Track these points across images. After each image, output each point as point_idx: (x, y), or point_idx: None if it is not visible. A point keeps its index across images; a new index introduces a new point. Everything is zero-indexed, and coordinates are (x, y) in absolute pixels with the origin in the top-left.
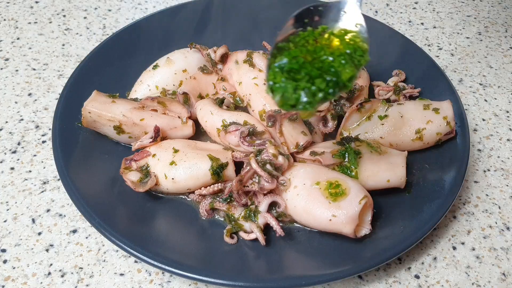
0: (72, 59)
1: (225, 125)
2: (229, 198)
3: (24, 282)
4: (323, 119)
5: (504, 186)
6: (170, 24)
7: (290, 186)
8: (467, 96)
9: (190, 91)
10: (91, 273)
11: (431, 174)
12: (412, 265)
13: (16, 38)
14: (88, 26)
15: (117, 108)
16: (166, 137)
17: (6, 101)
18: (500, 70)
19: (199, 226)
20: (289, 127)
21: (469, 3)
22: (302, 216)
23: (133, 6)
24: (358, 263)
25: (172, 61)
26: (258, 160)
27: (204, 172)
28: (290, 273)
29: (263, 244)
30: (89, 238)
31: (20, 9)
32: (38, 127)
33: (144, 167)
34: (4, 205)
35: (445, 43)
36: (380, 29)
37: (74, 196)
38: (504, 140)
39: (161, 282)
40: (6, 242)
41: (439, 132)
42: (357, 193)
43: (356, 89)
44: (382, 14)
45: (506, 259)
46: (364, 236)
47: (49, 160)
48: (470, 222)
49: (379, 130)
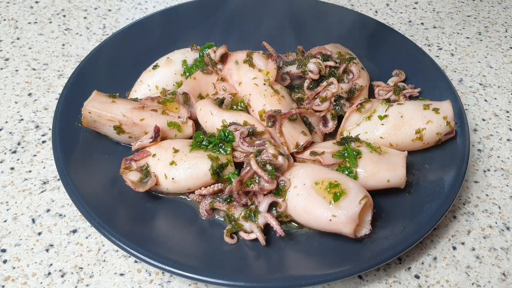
0: (72, 59)
1: (225, 125)
2: (229, 198)
3: (24, 282)
4: (323, 119)
5: (504, 186)
6: (170, 24)
7: (290, 186)
8: (467, 96)
9: (190, 91)
10: (91, 273)
11: (431, 174)
12: (412, 265)
13: (16, 38)
14: (88, 26)
15: (117, 108)
16: (166, 137)
17: (6, 101)
18: (500, 70)
19: (199, 226)
20: (289, 127)
21: (469, 3)
22: (302, 216)
23: (133, 6)
24: (358, 263)
25: (172, 61)
26: (258, 160)
27: (204, 172)
28: (290, 273)
29: (263, 244)
30: (89, 238)
31: (20, 9)
32: (38, 127)
33: (144, 167)
34: (4, 205)
35: (445, 43)
36: (380, 29)
37: (74, 196)
38: (504, 140)
39: (161, 282)
40: (6, 242)
41: (439, 132)
42: (357, 193)
43: (356, 89)
44: (382, 14)
45: (506, 259)
46: (364, 236)
47: (49, 160)
48: (470, 222)
49: (379, 130)
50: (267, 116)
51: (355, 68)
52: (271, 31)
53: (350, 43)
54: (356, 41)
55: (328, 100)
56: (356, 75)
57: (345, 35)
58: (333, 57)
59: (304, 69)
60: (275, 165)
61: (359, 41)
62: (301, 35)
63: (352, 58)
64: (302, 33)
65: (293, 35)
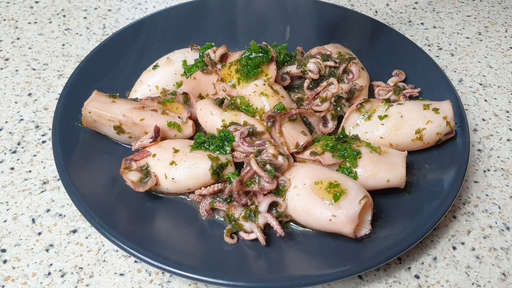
0: (72, 59)
1: (225, 126)
2: (229, 198)
3: (24, 282)
4: (323, 119)
5: (504, 186)
6: (170, 24)
7: (290, 186)
8: (467, 96)
9: (190, 91)
10: (91, 273)
11: (431, 174)
12: (412, 265)
13: (16, 38)
14: (88, 26)
15: (117, 108)
16: (166, 137)
17: (6, 101)
18: (500, 70)
19: (199, 226)
20: (289, 127)
21: (469, 3)
22: (302, 216)
23: (133, 6)
24: (358, 263)
25: (172, 61)
26: (258, 160)
27: (204, 172)
28: (290, 273)
29: (263, 244)
30: (89, 238)
31: (20, 9)
32: (38, 127)
33: (144, 167)
34: (4, 205)
35: (445, 43)
36: (380, 29)
37: (74, 196)
38: (504, 140)
39: (161, 282)
40: (6, 242)
41: (439, 132)
42: (357, 193)
43: (356, 89)
44: (382, 14)
45: (506, 259)
46: (364, 236)
47: (49, 160)
48: (470, 222)
49: (379, 130)
50: (266, 117)
51: (355, 68)
52: (271, 31)
53: (350, 43)
54: (356, 41)
55: (328, 100)
56: (356, 75)
57: (345, 35)
58: (332, 57)
59: (304, 69)
60: (275, 165)
61: (359, 41)
62: (301, 35)
63: (352, 58)
64: (302, 33)
65: (293, 35)
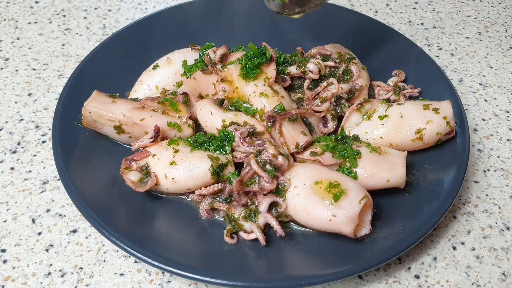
0: (72, 59)
1: (225, 126)
2: (229, 198)
3: (24, 282)
4: (323, 119)
5: (504, 186)
6: (170, 24)
7: (290, 186)
8: (467, 96)
9: (190, 91)
10: (91, 273)
11: (431, 174)
12: (412, 265)
13: (16, 38)
14: (88, 26)
15: (117, 108)
16: (166, 137)
17: (6, 101)
18: (500, 70)
19: (199, 226)
20: (289, 128)
21: (469, 3)
22: (302, 216)
23: (133, 6)
24: (358, 263)
25: (172, 61)
26: (258, 160)
27: (204, 172)
28: (290, 273)
29: (263, 244)
30: (89, 238)
31: (20, 9)
32: (38, 127)
33: (144, 167)
34: (4, 205)
35: (445, 43)
36: (380, 29)
37: (74, 196)
38: (504, 140)
39: (161, 282)
40: (6, 242)
41: (439, 132)
42: (357, 193)
43: (356, 89)
44: (382, 14)
45: (506, 259)
46: (364, 236)
47: (49, 160)
48: (470, 222)
49: (379, 130)
50: (266, 117)
51: (355, 68)
52: (271, 31)
53: (350, 43)
54: (356, 41)
55: (328, 100)
56: (356, 75)
57: (345, 35)
58: (332, 57)
59: (304, 69)
60: (275, 165)
61: (359, 41)
62: (301, 35)
63: (352, 58)
64: (302, 33)
65: (293, 36)
